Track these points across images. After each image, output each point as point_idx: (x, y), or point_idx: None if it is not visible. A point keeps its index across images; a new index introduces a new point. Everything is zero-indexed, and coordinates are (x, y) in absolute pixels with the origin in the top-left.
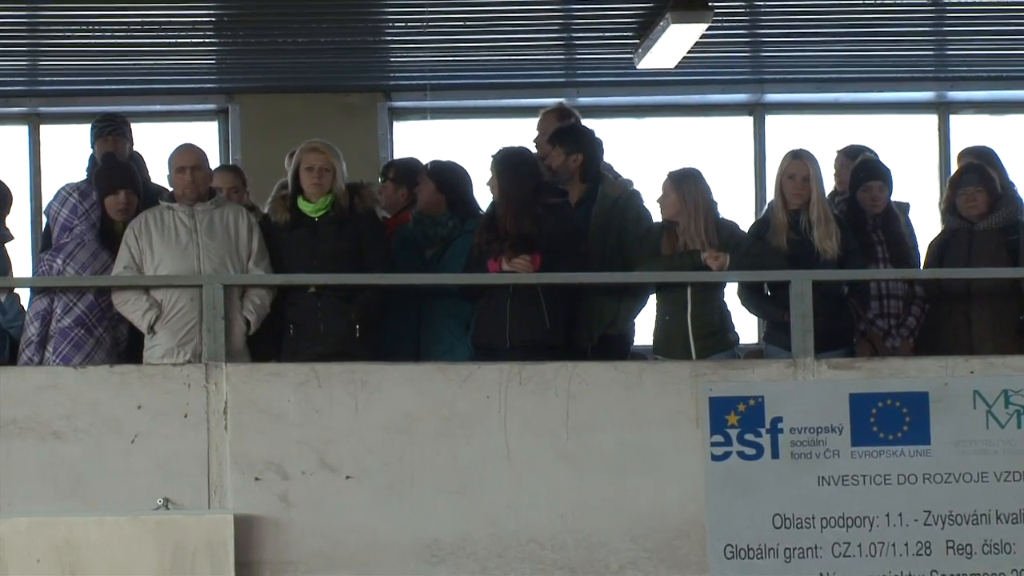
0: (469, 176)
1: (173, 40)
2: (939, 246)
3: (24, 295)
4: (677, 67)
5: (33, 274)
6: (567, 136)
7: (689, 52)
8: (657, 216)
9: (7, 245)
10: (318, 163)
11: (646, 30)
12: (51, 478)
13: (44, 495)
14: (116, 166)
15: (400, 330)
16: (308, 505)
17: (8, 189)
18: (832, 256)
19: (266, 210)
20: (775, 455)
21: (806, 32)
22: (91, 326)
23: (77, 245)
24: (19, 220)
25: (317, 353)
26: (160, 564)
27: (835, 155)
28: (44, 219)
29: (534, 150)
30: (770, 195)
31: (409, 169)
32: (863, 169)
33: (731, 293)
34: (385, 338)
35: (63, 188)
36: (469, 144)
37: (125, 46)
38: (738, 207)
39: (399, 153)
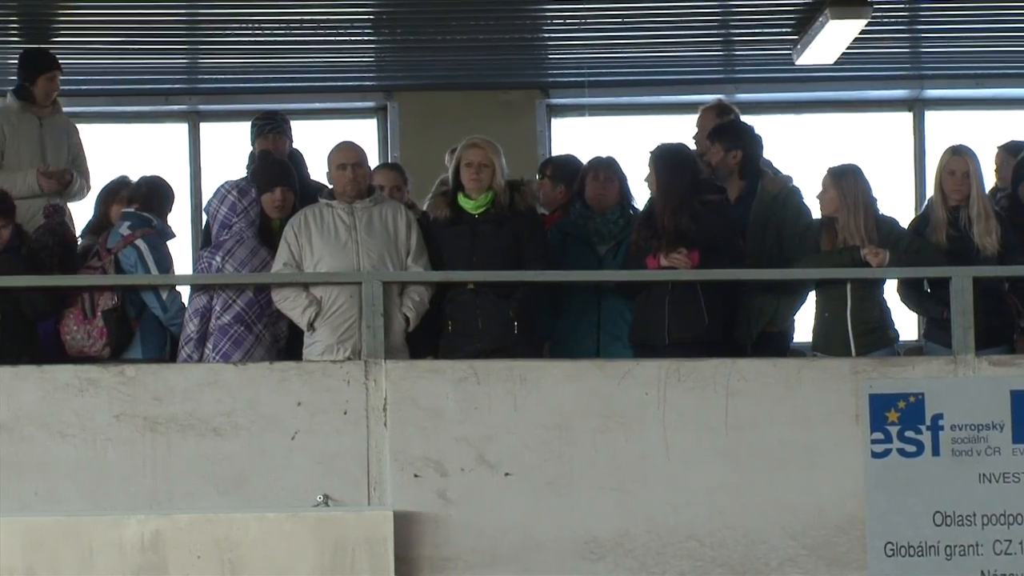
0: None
1: (332, 38)
2: None
3: (184, 292)
4: (836, 63)
5: (193, 271)
6: (727, 132)
7: (848, 48)
8: (816, 212)
9: (169, 243)
10: (477, 159)
11: (805, 26)
12: (211, 475)
13: (204, 492)
14: (273, 164)
15: (579, 330)
16: (467, 502)
17: (169, 187)
18: (992, 252)
19: (425, 207)
20: (936, 452)
21: (966, 28)
22: (250, 323)
23: (236, 242)
24: (180, 218)
25: (475, 350)
26: (320, 561)
27: (996, 151)
28: (204, 217)
29: (693, 146)
30: (930, 191)
31: (567, 166)
32: None
33: (890, 290)
34: (564, 338)
35: (222, 186)
36: (627, 141)
37: (284, 44)
38: (897, 203)
39: (557, 150)
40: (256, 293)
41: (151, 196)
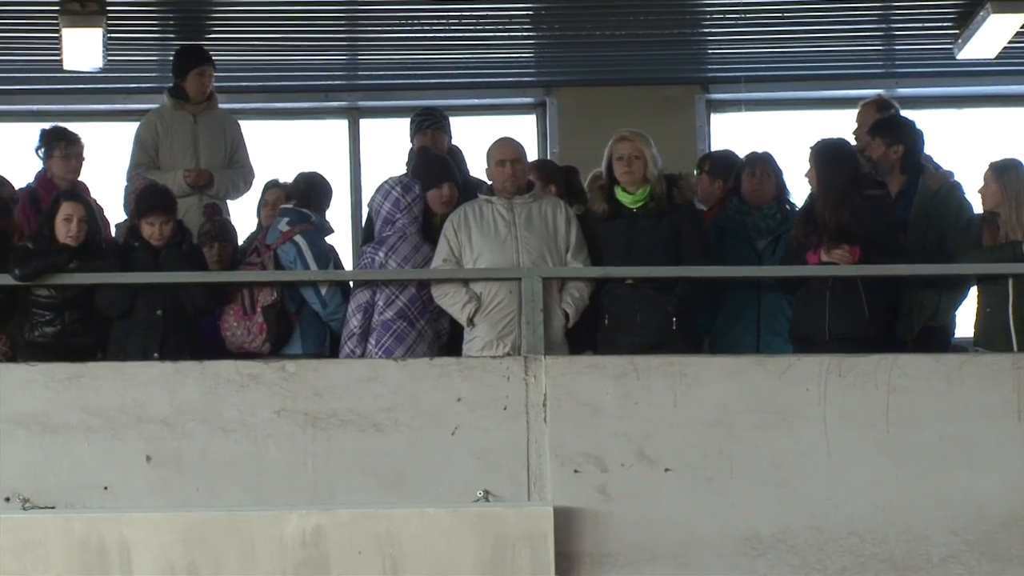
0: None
1: (491, 34)
2: None
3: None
4: (997, 57)
5: (354, 267)
6: (888, 127)
7: (1009, 42)
8: (978, 208)
9: (328, 238)
10: (628, 151)
11: (966, 20)
12: (372, 470)
13: (365, 487)
14: (438, 160)
15: (738, 325)
16: (627, 497)
17: (327, 183)
18: None
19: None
20: None
21: None
22: (413, 319)
23: (399, 238)
24: (339, 213)
25: (634, 345)
26: (480, 556)
27: None
28: (365, 212)
29: (853, 142)
30: None
31: (724, 161)
32: None
33: None
34: (723, 333)
35: (386, 182)
36: (786, 136)
37: (444, 40)
38: None
39: (716, 145)
40: (418, 289)
41: (309, 192)
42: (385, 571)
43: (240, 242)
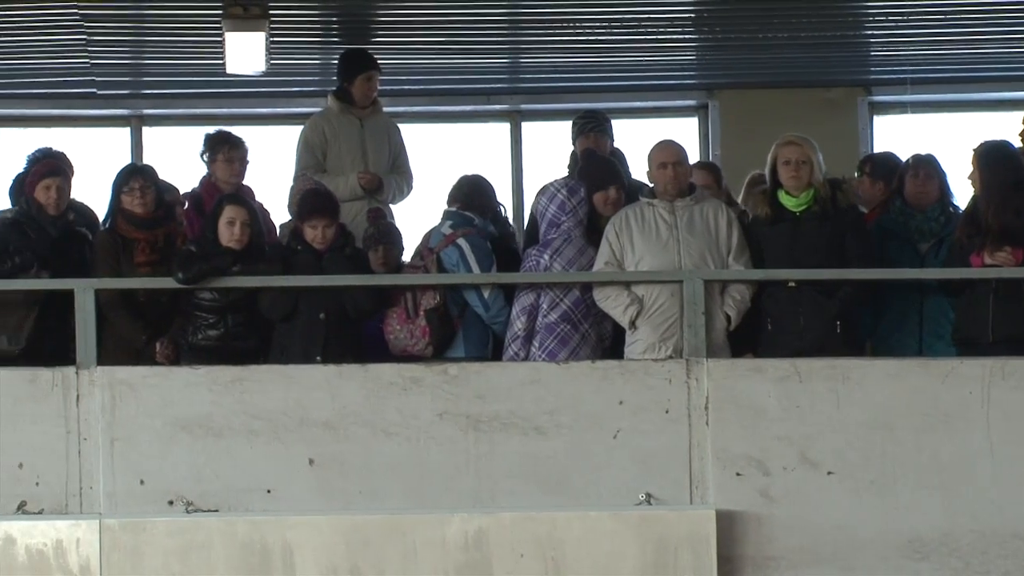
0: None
1: (653, 36)
2: None
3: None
4: None
5: (519, 269)
6: None
7: None
8: None
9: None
10: (795, 156)
11: None
12: (533, 473)
13: (527, 490)
14: (604, 162)
15: (901, 328)
16: (789, 501)
17: (490, 185)
18: None
19: (742, 204)
20: None
21: None
22: (576, 322)
23: (563, 241)
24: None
25: (796, 348)
26: (642, 559)
27: None
28: (527, 215)
29: (1017, 144)
30: None
31: (886, 163)
32: None
33: None
34: (886, 336)
35: (551, 185)
36: (949, 138)
37: (605, 43)
38: None
39: (879, 148)
40: (583, 292)
41: (472, 195)
42: (547, 574)
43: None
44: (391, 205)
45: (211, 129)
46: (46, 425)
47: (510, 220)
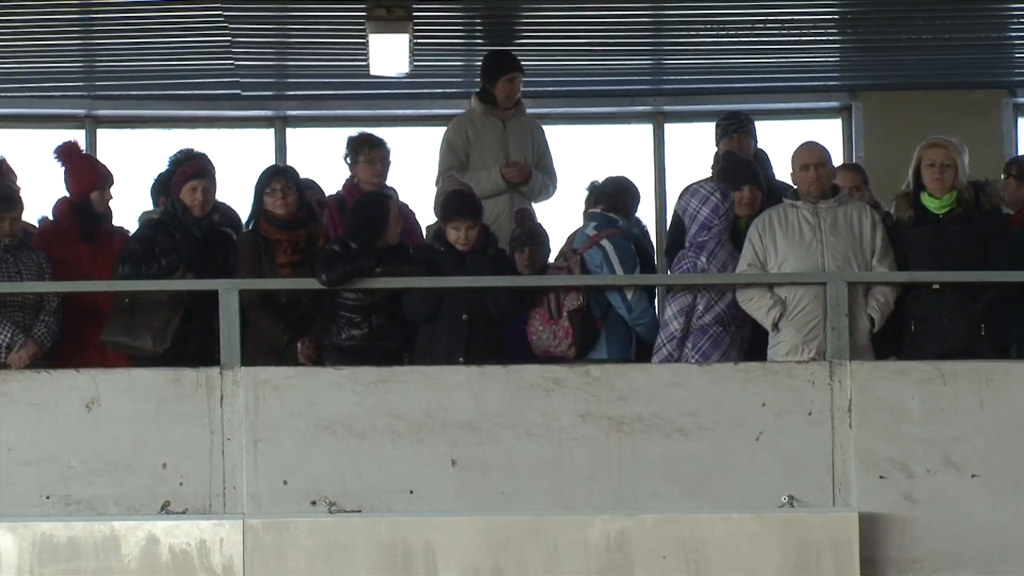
0: None
1: (796, 37)
2: None
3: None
4: None
5: (671, 271)
6: None
7: None
8: None
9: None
10: (940, 159)
11: None
12: (676, 475)
13: (669, 491)
14: (741, 163)
15: None
16: (933, 503)
17: (634, 187)
18: None
19: (888, 208)
20: None
21: None
22: (727, 324)
23: (716, 244)
24: (644, 217)
25: (940, 350)
26: (784, 561)
27: None
28: (670, 216)
29: None
30: None
31: None
32: None
33: None
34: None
35: (702, 187)
36: None
37: (749, 44)
38: None
39: (1023, 150)
40: (736, 295)
41: (617, 196)
42: (689, 575)
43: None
44: (535, 205)
45: (354, 131)
46: (190, 425)
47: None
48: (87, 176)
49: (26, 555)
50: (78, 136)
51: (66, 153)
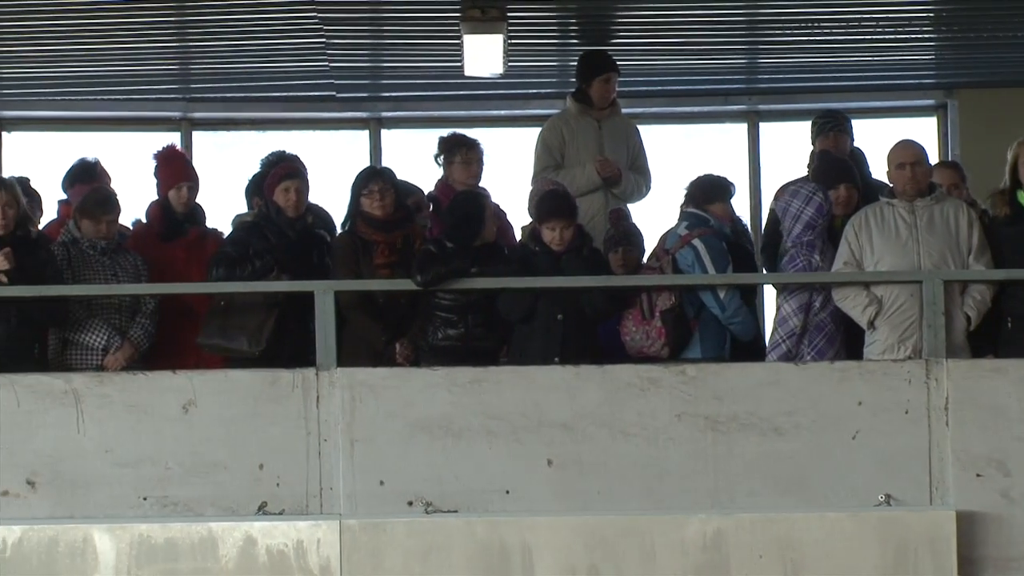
0: None
1: (891, 35)
2: None
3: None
4: None
5: (778, 269)
6: None
7: None
8: None
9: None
10: None
11: None
12: (772, 474)
13: (765, 491)
14: (835, 161)
15: None
16: None
17: (727, 185)
18: None
19: (984, 205)
20: None
21: None
22: (840, 322)
23: (823, 242)
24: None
25: None
26: (882, 561)
27: None
28: (765, 215)
29: None
30: None
31: None
32: None
33: None
34: None
35: (803, 187)
36: None
37: (844, 42)
38: None
39: None
40: None
41: (708, 193)
42: (786, 575)
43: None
44: (629, 205)
45: (445, 131)
46: (286, 426)
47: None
48: (164, 175)
49: (124, 556)
50: (174, 139)
51: (157, 154)
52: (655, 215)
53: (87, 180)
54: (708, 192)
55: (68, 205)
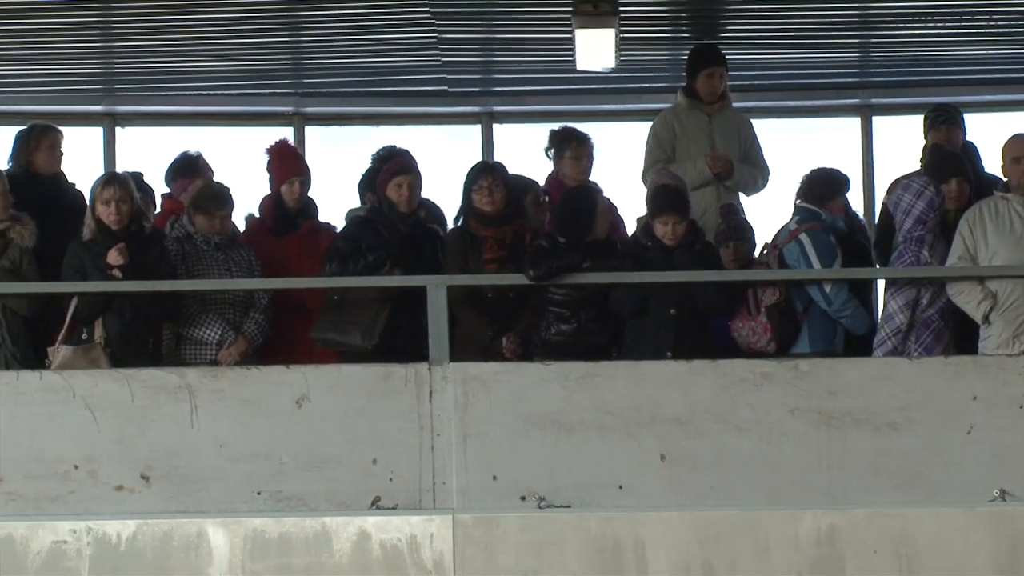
0: None
1: (1005, 29)
2: None
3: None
4: None
5: (890, 265)
6: None
7: None
8: None
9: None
10: None
11: None
12: (886, 469)
13: (879, 486)
14: (947, 155)
15: None
16: None
17: (841, 180)
18: None
19: None
20: None
21: None
22: (948, 318)
23: (934, 237)
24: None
25: None
26: (996, 557)
27: None
28: (878, 209)
29: None
30: None
31: None
32: None
33: None
34: None
35: (915, 181)
36: None
37: (956, 36)
38: None
39: None
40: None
41: (820, 187)
42: (900, 571)
43: None
44: (742, 200)
45: (554, 125)
46: (399, 421)
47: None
48: (277, 170)
49: (238, 551)
50: (286, 134)
51: (270, 149)
52: (768, 210)
53: (189, 174)
54: (822, 186)
55: (171, 199)
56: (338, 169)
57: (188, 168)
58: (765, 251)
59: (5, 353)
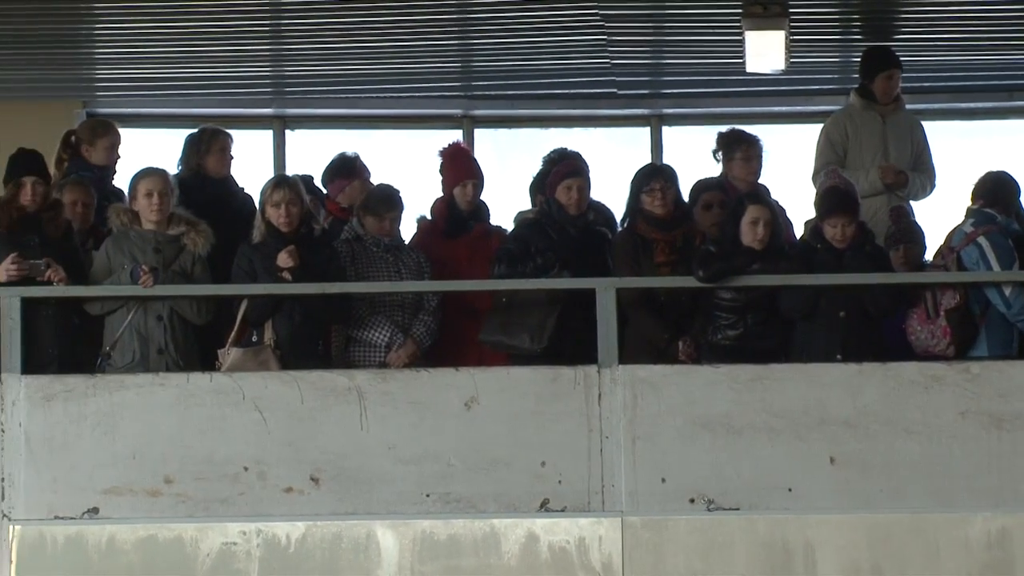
0: None
1: None
2: None
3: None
4: None
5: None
6: None
7: None
8: None
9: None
10: None
11: None
12: None
13: None
14: None
15: None
16: None
17: (1015, 183)
18: None
19: None
20: None
21: None
22: None
23: None
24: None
25: None
26: None
27: None
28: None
29: None
30: None
31: None
32: None
33: None
34: None
35: None
36: None
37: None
38: None
39: None
40: None
41: (995, 191)
42: None
43: None
44: (912, 203)
45: (723, 127)
46: (568, 423)
47: None
48: (449, 172)
49: (407, 552)
50: (455, 136)
51: (443, 151)
52: (937, 212)
53: (347, 175)
54: (995, 189)
55: (329, 200)
56: (506, 171)
57: (346, 169)
58: (941, 255)
59: (167, 359)
